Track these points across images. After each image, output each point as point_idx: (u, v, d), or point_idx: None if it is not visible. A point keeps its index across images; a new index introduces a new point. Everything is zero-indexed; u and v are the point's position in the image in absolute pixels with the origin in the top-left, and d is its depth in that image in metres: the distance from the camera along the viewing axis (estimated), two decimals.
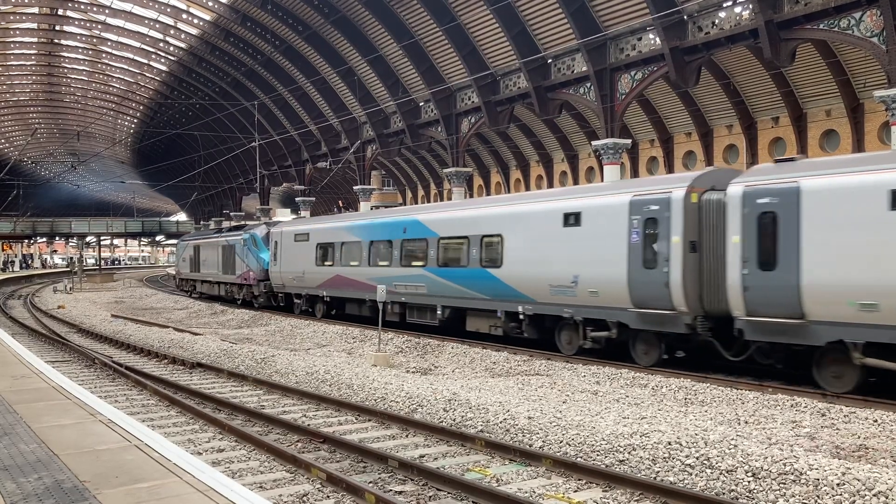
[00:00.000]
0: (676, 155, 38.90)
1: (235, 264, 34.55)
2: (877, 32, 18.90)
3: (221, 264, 36.47)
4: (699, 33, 24.30)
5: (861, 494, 7.11)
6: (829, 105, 32.02)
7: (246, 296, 34.00)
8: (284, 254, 29.78)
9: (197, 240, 42.57)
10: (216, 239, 38.05)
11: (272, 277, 31.13)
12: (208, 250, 38.99)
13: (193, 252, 42.04)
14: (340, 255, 25.78)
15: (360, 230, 24.83)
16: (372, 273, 23.68)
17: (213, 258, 37.91)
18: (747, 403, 12.04)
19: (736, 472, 7.99)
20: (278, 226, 32.37)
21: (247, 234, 33.27)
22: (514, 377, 15.01)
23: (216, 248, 37.58)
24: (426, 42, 37.01)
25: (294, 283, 29.09)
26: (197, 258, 41.22)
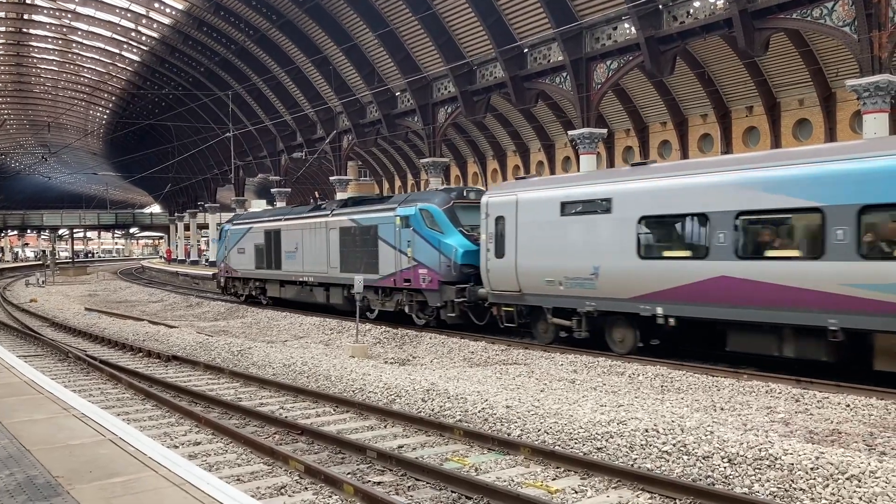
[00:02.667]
0: (652, 144, 39.11)
1: (384, 257, 21.75)
2: (848, 22, 19.07)
3: (343, 257, 23.89)
4: (674, 23, 24.38)
5: (834, 478, 7.20)
6: (802, 94, 32.32)
7: (413, 310, 21.09)
8: (536, 235, 17.09)
9: (272, 221, 28.99)
10: (329, 218, 24.84)
11: (494, 277, 18.08)
12: (307, 236, 25.97)
13: (266, 240, 29.02)
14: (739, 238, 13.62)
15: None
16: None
17: (320, 247, 25.15)
18: (723, 390, 12.15)
19: (712, 458, 8.05)
20: (503, 190, 18.50)
21: (412, 209, 20.78)
22: (492, 366, 15.04)
23: (329, 233, 24.59)
24: (402, 31, 36.83)
25: (570, 288, 16.31)
26: (273, 249, 28.39)
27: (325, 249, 24.61)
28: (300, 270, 26.41)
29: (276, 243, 28.14)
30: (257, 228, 29.83)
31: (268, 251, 28.77)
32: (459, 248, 19.44)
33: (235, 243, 31.63)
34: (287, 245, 27.32)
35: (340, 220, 23.96)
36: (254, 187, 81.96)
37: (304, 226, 26.21)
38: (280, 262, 27.83)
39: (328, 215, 24.76)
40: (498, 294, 18.13)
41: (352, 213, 23.54)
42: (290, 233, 27.16)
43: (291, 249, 26.95)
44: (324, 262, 24.72)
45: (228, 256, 32.43)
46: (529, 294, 17.28)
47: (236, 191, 62.30)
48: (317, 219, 25.50)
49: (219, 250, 33.73)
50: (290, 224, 27.36)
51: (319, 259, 24.99)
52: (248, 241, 30.57)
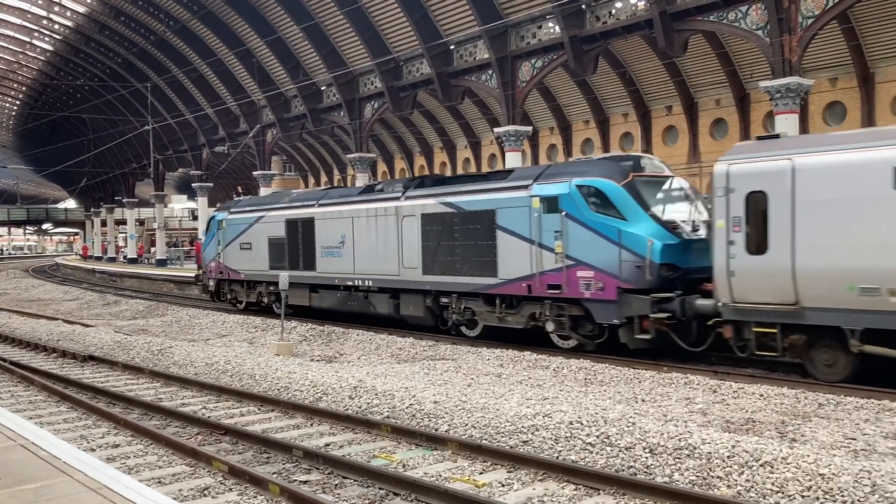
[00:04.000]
0: (575, 142, 39.82)
1: (508, 253, 16.06)
2: (761, 26, 19.81)
3: (428, 254, 17.94)
4: (597, 23, 24.86)
5: (749, 465, 7.47)
6: (718, 94, 33.43)
7: (559, 328, 15.47)
8: (839, 219, 11.48)
9: (299, 207, 22.44)
10: (401, 202, 18.79)
11: (744, 284, 12.45)
12: (361, 226, 19.87)
13: (289, 232, 22.46)
14: None
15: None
16: None
17: (384, 241, 19.14)
18: (644, 382, 12.47)
19: (634, 448, 8.25)
20: (758, 153, 12.45)
21: (564, 186, 15.13)
22: (419, 362, 15.06)
23: (402, 221, 18.62)
24: (327, 25, 36.43)
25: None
26: (301, 243, 22.03)
27: (396, 243, 18.58)
28: (347, 271, 20.12)
29: (306, 236, 21.72)
30: (273, 217, 23.23)
31: (292, 246, 22.25)
32: (657, 240, 13.76)
33: (235, 237, 24.93)
34: (325, 238, 20.98)
35: (423, 203, 17.98)
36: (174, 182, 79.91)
37: (354, 213, 19.99)
38: (313, 261, 21.48)
39: (399, 198, 18.74)
40: (749, 308, 12.35)
41: (444, 195, 17.48)
42: (329, 222, 20.82)
43: (333, 244, 20.69)
44: (391, 260, 18.74)
45: (223, 254, 25.67)
46: (815, 308, 11.66)
47: (155, 185, 60.55)
48: (377, 203, 19.39)
49: (205, 246, 27.06)
50: (329, 211, 20.89)
51: (384, 256, 19.01)
52: (256, 234, 23.89)
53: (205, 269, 27.49)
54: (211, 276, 26.96)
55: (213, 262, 26.67)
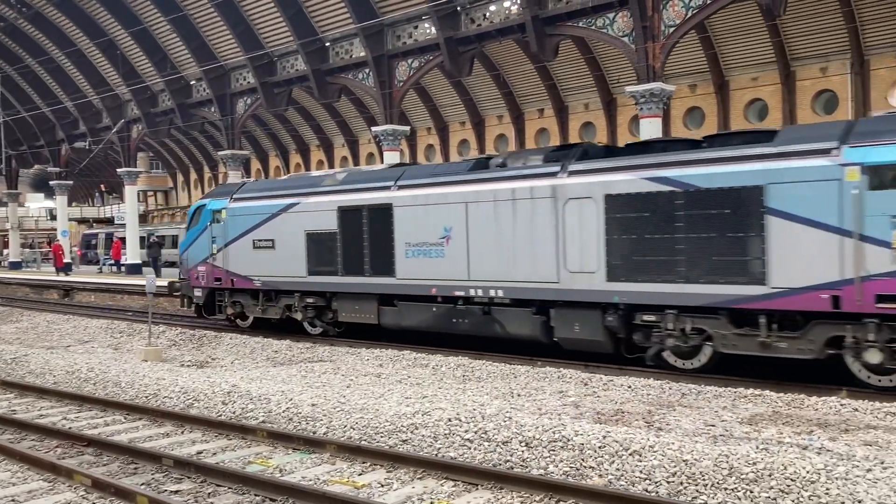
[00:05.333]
0: (452, 143, 40.31)
1: (786, 249, 11.16)
2: (627, 32, 20.73)
3: (616, 252, 12.83)
4: (472, 25, 25.24)
5: (619, 455, 7.78)
6: (587, 98, 34.71)
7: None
8: None
9: (358, 190, 16.74)
10: (563, 179, 13.43)
11: None
12: (484, 215, 14.46)
13: (343, 225, 16.76)
14: None
15: None
16: None
17: (528, 235, 13.85)
18: (519, 377, 12.75)
19: (511, 442, 8.42)
20: None
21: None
22: (297, 365, 14.79)
23: (564, 207, 13.34)
24: (196, 17, 35.13)
25: None
26: (366, 240, 16.34)
27: (552, 237, 13.43)
28: (455, 277, 14.79)
29: (376, 230, 16.07)
30: (315, 204, 17.27)
31: (350, 244, 16.53)
32: None
33: (244, 231, 18.73)
34: (412, 231, 15.46)
35: (608, 181, 12.77)
36: (29, 179, 74.82)
37: (468, 196, 14.57)
38: (388, 264, 15.83)
39: (557, 173, 13.44)
40: None
41: (652, 167, 12.37)
42: (420, 210, 15.33)
43: (427, 240, 15.22)
44: (543, 261, 13.54)
45: (223, 254, 19.22)
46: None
47: (8, 183, 56.48)
48: (512, 182, 14.05)
49: (186, 244, 20.72)
50: (420, 195, 15.39)
51: (527, 256, 13.78)
52: (283, 228, 17.87)
53: (186, 275, 20.62)
54: (199, 284, 19.95)
55: (201, 266, 19.80)
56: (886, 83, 27.64)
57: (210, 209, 19.81)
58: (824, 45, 28.00)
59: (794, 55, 28.89)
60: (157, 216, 66.12)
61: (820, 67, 28.64)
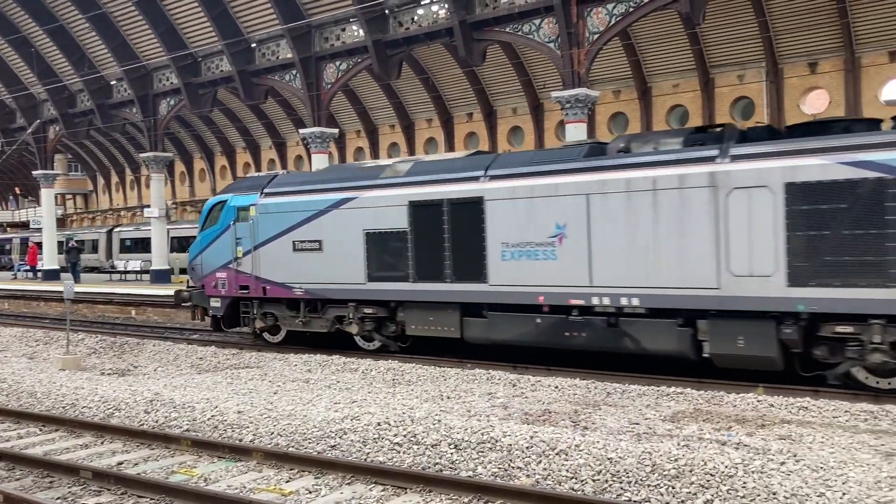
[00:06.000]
0: (382, 146, 40.23)
1: None
2: (553, 38, 21.08)
3: (840, 247, 10.51)
4: (400, 28, 25.25)
5: (546, 454, 7.89)
6: (515, 103, 35.13)
7: None
8: None
9: (449, 182, 14.24)
10: (765, 162, 11.08)
11: None
12: (638, 206, 12.01)
13: (416, 224, 14.52)
14: None
15: None
16: None
17: (689, 231, 11.57)
18: (449, 380, 12.79)
19: (440, 445, 8.44)
20: None
21: None
22: (222, 371, 14.51)
23: (782, 199, 10.82)
24: (116, 15, 34.12)
25: None
26: (455, 240, 14.09)
27: (710, 234, 11.38)
28: (571, 283, 12.65)
29: (460, 228, 13.95)
30: (377, 199, 15.00)
31: (425, 245, 14.40)
32: None
33: (281, 232, 16.40)
34: (511, 230, 13.31)
35: (788, 166, 10.80)
36: None
37: (589, 187, 12.45)
38: (478, 268, 13.68)
39: (714, 159, 11.43)
40: None
41: (839, 152, 10.52)
42: (521, 204, 13.16)
43: (531, 239, 13.08)
44: (700, 262, 11.47)
45: (252, 258, 16.79)
46: None
47: None
48: (649, 169, 11.94)
49: (201, 248, 17.89)
50: (521, 186, 13.21)
51: (673, 256, 11.68)
52: (334, 226, 15.56)
53: (199, 283, 17.98)
54: (217, 293, 17.48)
55: (221, 272, 17.30)
56: (799, 90, 28.85)
57: (233, 206, 17.16)
58: (741, 54, 29.05)
59: (713, 63, 29.87)
60: (77, 220, 63.99)
61: (737, 75, 29.70)
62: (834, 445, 8.14)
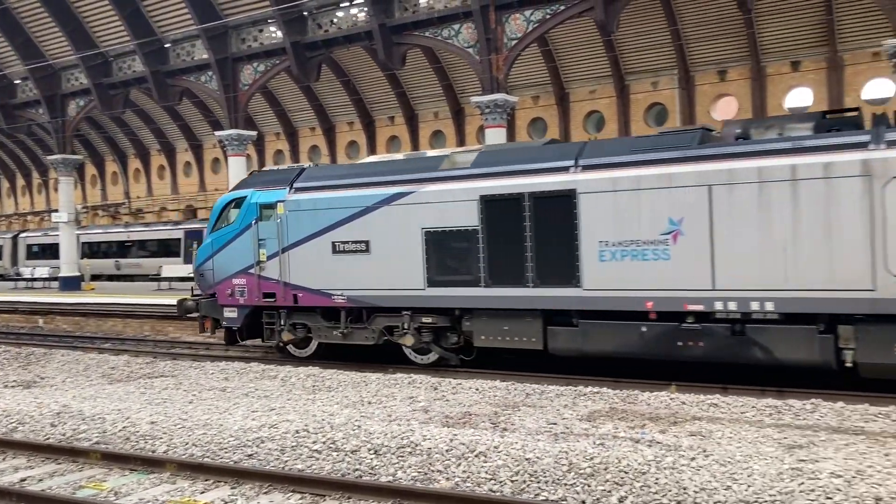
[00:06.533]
0: (302, 149, 39.79)
1: None
2: (472, 44, 21.26)
3: None
4: (319, 30, 25.01)
5: (465, 457, 7.93)
6: (436, 107, 35.28)
7: None
8: None
9: (531, 174, 12.59)
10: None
11: None
12: (776, 200, 10.75)
13: (499, 219, 12.81)
14: None
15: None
16: None
17: (840, 225, 10.41)
18: (370, 385, 12.72)
19: (360, 451, 8.39)
20: None
21: None
22: (135, 381, 14.05)
23: None
24: (21, 12, 32.71)
25: None
26: (538, 239, 12.49)
27: (865, 231, 10.29)
28: (690, 287, 11.31)
29: (545, 225, 12.41)
30: (434, 194, 13.32)
31: (494, 245, 12.84)
32: None
33: (316, 232, 14.51)
34: (610, 227, 11.87)
35: None
36: None
37: (710, 177, 11.07)
38: (570, 270, 12.14)
39: (868, 144, 10.37)
40: None
41: None
42: (626, 198, 11.72)
43: (637, 238, 11.68)
44: (854, 260, 10.33)
45: (276, 263, 14.94)
46: None
47: None
48: (794, 157, 10.69)
49: (211, 251, 15.92)
50: (625, 177, 11.73)
51: (820, 255, 10.53)
52: (379, 226, 13.85)
53: (211, 291, 15.95)
54: (234, 302, 15.54)
55: (238, 278, 15.41)
56: (709, 97, 29.93)
57: (255, 203, 15.14)
58: (654, 62, 29.94)
59: (628, 70, 30.69)
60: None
61: (651, 82, 30.60)
62: (741, 440, 8.46)
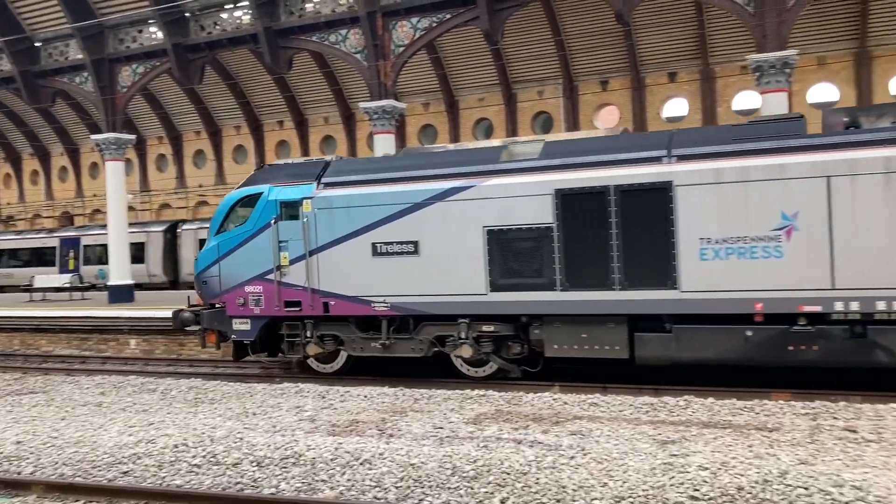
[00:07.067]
0: (186, 153, 38.59)
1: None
2: (360, 49, 21.19)
3: None
4: (202, 32, 24.32)
5: (350, 465, 7.89)
6: (327, 112, 34.98)
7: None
8: None
9: (615, 165, 11.63)
10: None
11: None
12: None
13: (576, 215, 11.82)
14: None
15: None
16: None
17: None
18: (256, 396, 12.46)
19: (241, 464, 8.20)
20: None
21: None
22: (1, 399, 13.24)
23: None
24: None
25: None
26: (626, 236, 11.55)
27: None
28: (805, 287, 10.66)
29: (633, 222, 11.50)
30: (499, 188, 12.18)
31: (573, 244, 11.80)
32: None
33: (351, 233, 13.13)
34: (710, 223, 11.06)
35: None
36: None
37: (836, 167, 10.43)
38: (663, 270, 11.32)
39: None
40: None
41: None
42: (733, 190, 10.93)
43: (744, 234, 10.91)
44: None
45: (302, 267, 13.45)
46: None
47: None
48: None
49: (217, 255, 14.23)
50: (730, 167, 10.94)
51: None
52: (431, 225, 12.62)
53: (216, 300, 14.31)
54: (247, 313, 13.95)
55: (253, 285, 13.82)
56: (592, 106, 30.97)
57: (275, 201, 13.59)
58: (540, 71, 30.73)
59: (515, 79, 31.37)
60: None
61: (537, 91, 31.38)
62: (618, 437, 8.78)
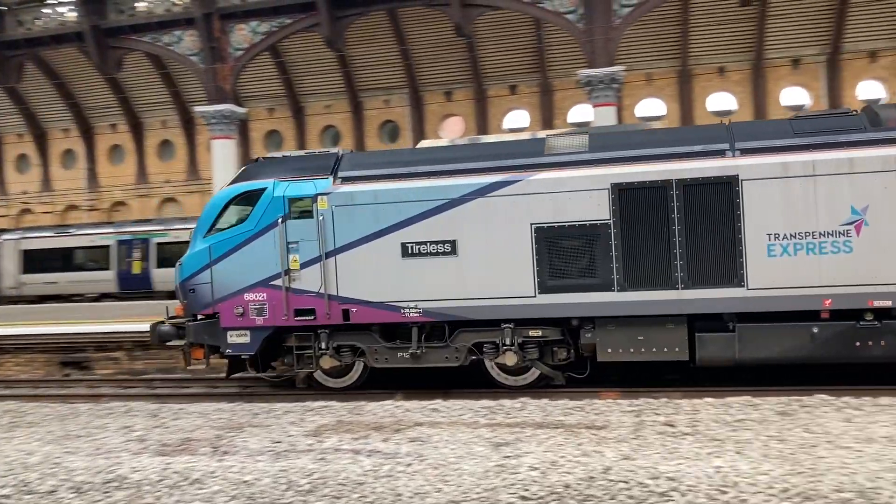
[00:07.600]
0: (8, 157, 35.88)
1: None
2: (196, 52, 20.43)
3: None
4: (20, 28, 22.64)
5: (178, 486, 7.52)
6: (165, 116, 33.52)
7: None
8: None
9: (677, 158, 11.29)
10: None
11: None
12: None
13: (634, 210, 11.37)
14: None
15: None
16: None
17: None
18: (80, 417, 11.66)
19: (58, 491, 7.63)
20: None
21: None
22: None
23: None
24: None
25: None
26: (690, 232, 11.20)
27: None
28: (873, 283, 10.86)
29: (696, 217, 11.19)
30: (548, 183, 11.46)
31: (632, 242, 11.36)
32: None
33: (375, 232, 12.02)
34: (777, 218, 10.94)
35: None
36: None
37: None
38: (729, 268, 11.20)
39: None
40: None
41: None
42: (801, 185, 10.94)
43: (812, 229, 10.94)
44: None
45: (317, 270, 12.24)
46: None
47: None
48: None
49: (209, 258, 12.60)
50: (799, 161, 10.91)
51: None
52: (469, 223, 11.74)
53: (209, 309, 12.75)
54: (248, 324, 12.56)
55: (254, 293, 12.46)
56: (437, 116, 31.48)
57: (282, 197, 12.28)
58: (386, 80, 30.89)
59: (361, 87, 31.35)
60: None
61: (384, 99, 31.52)
62: (456, 442, 8.88)
